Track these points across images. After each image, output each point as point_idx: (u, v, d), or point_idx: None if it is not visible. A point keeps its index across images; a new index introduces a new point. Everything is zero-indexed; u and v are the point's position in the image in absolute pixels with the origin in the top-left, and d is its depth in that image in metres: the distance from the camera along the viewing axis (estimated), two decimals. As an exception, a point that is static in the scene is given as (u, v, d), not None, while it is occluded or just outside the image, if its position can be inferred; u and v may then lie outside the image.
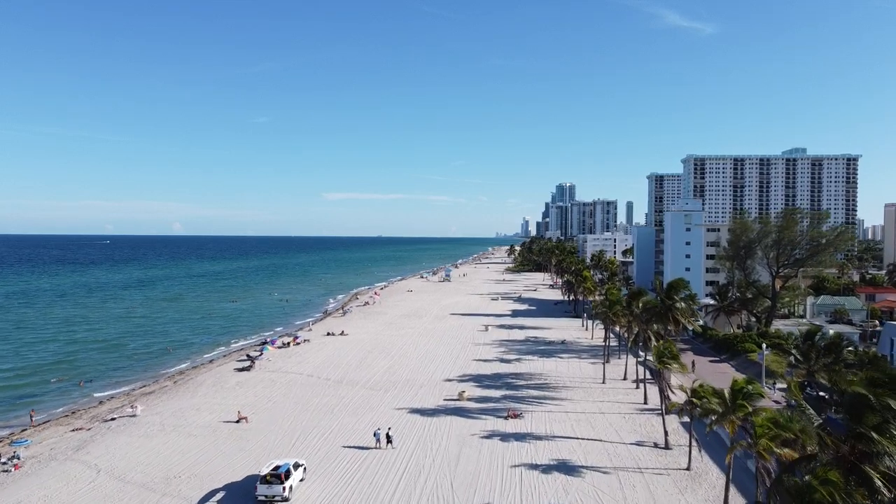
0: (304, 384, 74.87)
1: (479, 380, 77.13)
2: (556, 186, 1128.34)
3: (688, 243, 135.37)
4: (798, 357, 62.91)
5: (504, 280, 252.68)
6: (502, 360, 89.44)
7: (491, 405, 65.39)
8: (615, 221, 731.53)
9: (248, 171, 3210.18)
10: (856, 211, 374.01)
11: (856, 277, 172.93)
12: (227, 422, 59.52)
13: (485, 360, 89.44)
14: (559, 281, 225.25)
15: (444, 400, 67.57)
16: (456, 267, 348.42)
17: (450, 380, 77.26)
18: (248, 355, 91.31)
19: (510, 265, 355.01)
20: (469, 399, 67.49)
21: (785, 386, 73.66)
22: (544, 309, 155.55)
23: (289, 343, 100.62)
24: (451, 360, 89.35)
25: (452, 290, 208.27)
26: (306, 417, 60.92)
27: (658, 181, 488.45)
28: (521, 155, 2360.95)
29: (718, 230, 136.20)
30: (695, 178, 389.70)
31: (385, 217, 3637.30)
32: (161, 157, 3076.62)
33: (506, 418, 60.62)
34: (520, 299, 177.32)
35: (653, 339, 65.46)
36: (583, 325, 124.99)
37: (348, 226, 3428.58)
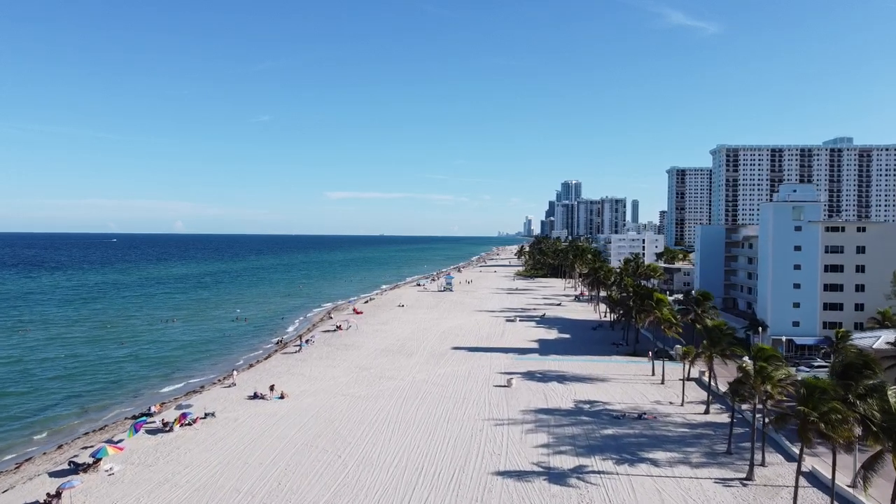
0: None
1: (513, 556, 35.13)
2: (562, 184, 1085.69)
3: (797, 248, 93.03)
4: None
5: (516, 289, 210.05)
6: (549, 475, 47.29)
7: None
8: (623, 220, 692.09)
9: (250, 169, 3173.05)
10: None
11: None
12: None
13: (516, 474, 47.37)
14: (586, 292, 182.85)
15: None
16: (459, 271, 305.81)
17: (450, 556, 35.28)
18: (71, 462, 48.94)
19: (520, 269, 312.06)
20: None
21: None
22: (581, 336, 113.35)
23: (170, 424, 57.60)
24: (454, 475, 47.24)
25: (455, 303, 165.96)
26: None
27: (680, 176, 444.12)
28: (522, 155, 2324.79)
29: (842, 229, 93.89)
30: (727, 171, 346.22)
31: (387, 216, 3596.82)
32: (163, 156, 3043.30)
33: None
34: (544, 320, 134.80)
35: None
36: (651, 372, 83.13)
37: (350, 225, 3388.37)
